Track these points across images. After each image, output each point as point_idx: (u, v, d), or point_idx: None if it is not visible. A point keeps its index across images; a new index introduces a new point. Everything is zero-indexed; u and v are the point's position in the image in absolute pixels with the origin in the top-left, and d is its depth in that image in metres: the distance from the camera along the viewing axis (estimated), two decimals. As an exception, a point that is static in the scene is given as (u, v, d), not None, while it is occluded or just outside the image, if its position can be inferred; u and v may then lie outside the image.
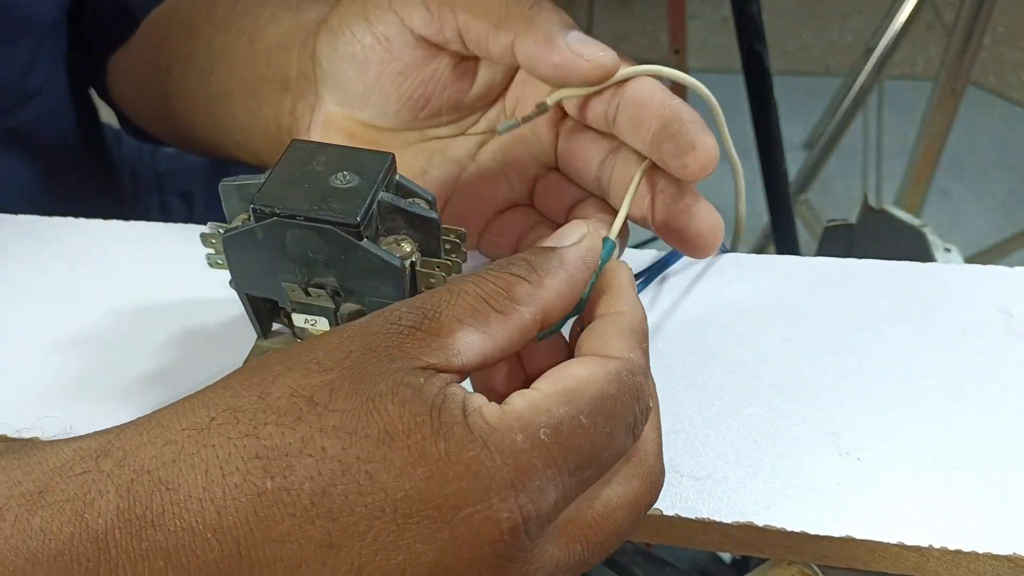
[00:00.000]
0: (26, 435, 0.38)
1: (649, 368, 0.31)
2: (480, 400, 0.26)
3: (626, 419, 0.28)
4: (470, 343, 0.28)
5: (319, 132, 0.44)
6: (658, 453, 0.30)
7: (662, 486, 0.30)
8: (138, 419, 0.27)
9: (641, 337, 0.31)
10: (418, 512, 0.24)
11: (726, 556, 0.62)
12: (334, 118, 0.43)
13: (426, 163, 0.43)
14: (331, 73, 0.42)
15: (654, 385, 0.33)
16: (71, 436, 0.27)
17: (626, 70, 0.37)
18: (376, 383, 0.25)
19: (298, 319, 0.37)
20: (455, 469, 0.24)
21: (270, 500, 0.24)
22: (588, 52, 0.36)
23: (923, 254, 0.80)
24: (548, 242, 0.32)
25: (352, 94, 0.42)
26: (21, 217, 0.50)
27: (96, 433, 0.27)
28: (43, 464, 0.26)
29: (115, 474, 0.25)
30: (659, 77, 0.39)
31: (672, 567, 0.50)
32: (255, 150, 0.52)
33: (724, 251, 0.46)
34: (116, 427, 0.27)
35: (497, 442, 0.25)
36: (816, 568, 0.37)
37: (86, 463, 0.25)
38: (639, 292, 0.39)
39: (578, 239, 0.31)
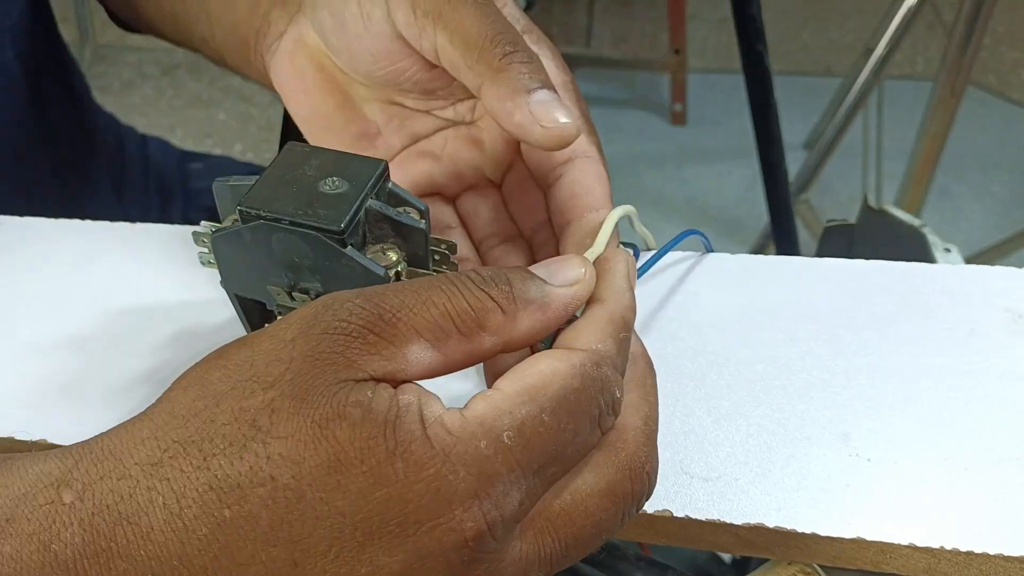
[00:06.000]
0: (36, 437, 0.38)
1: (622, 358, 0.30)
2: (439, 407, 0.26)
3: (590, 413, 0.27)
4: (421, 358, 0.27)
5: (288, 48, 0.42)
6: (641, 443, 0.29)
7: (650, 478, 0.29)
8: (92, 444, 0.26)
9: (618, 327, 0.30)
10: (379, 530, 0.24)
11: (726, 556, 0.62)
12: (308, 43, 0.42)
13: (384, 123, 0.43)
14: (315, 9, 0.41)
15: (653, 376, 0.32)
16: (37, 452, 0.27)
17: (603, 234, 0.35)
18: (319, 403, 0.25)
19: (283, 298, 0.37)
20: (415, 489, 0.24)
21: (230, 528, 0.24)
22: (546, 118, 0.34)
23: (923, 254, 0.80)
24: (541, 269, 0.30)
25: (327, 40, 0.41)
26: (27, 219, 0.50)
27: (57, 454, 0.27)
28: (9, 489, 0.26)
29: (77, 508, 0.25)
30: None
31: (673, 570, 0.50)
32: (219, 48, 0.50)
33: (710, 251, 0.46)
34: (74, 451, 0.26)
35: (460, 453, 0.25)
36: (818, 568, 0.37)
37: (48, 493, 0.25)
38: None
39: (572, 281, 0.30)
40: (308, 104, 0.43)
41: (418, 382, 0.27)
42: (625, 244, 0.41)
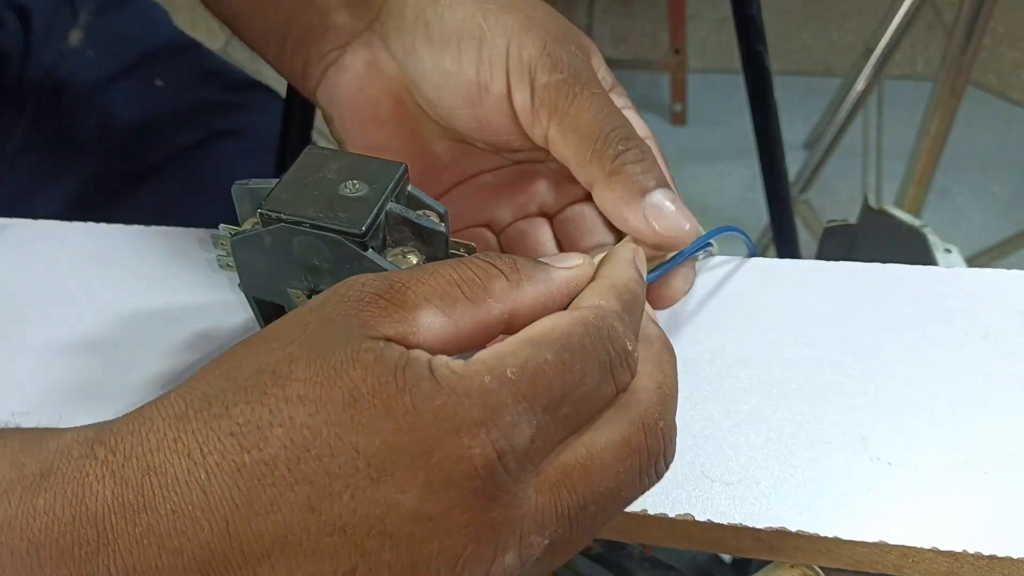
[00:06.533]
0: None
1: (630, 316, 0.30)
2: (445, 357, 0.27)
3: (598, 357, 0.28)
4: (432, 323, 0.27)
5: (359, 71, 0.41)
6: (654, 401, 0.29)
7: (664, 435, 0.29)
8: (125, 414, 0.27)
9: (620, 291, 0.31)
10: (391, 463, 0.24)
11: (726, 556, 0.62)
12: (386, 73, 0.41)
13: (451, 161, 0.43)
14: (408, 51, 0.40)
15: (671, 355, 0.32)
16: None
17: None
18: (335, 351, 0.26)
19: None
20: (423, 419, 0.25)
21: (250, 473, 0.25)
22: (662, 224, 0.35)
23: (924, 254, 0.80)
24: (543, 259, 0.31)
25: (423, 89, 0.40)
26: (40, 221, 0.50)
27: (90, 424, 0.28)
28: (44, 448, 0.27)
29: (109, 460, 0.26)
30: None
31: (677, 571, 0.50)
32: (240, 21, 0.46)
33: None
34: (106, 421, 0.27)
35: (466, 387, 0.25)
36: (818, 569, 0.37)
37: (83, 448, 0.26)
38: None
39: (572, 266, 0.31)
40: (378, 136, 0.42)
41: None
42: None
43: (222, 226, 0.38)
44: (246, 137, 0.80)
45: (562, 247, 0.42)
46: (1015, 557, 0.33)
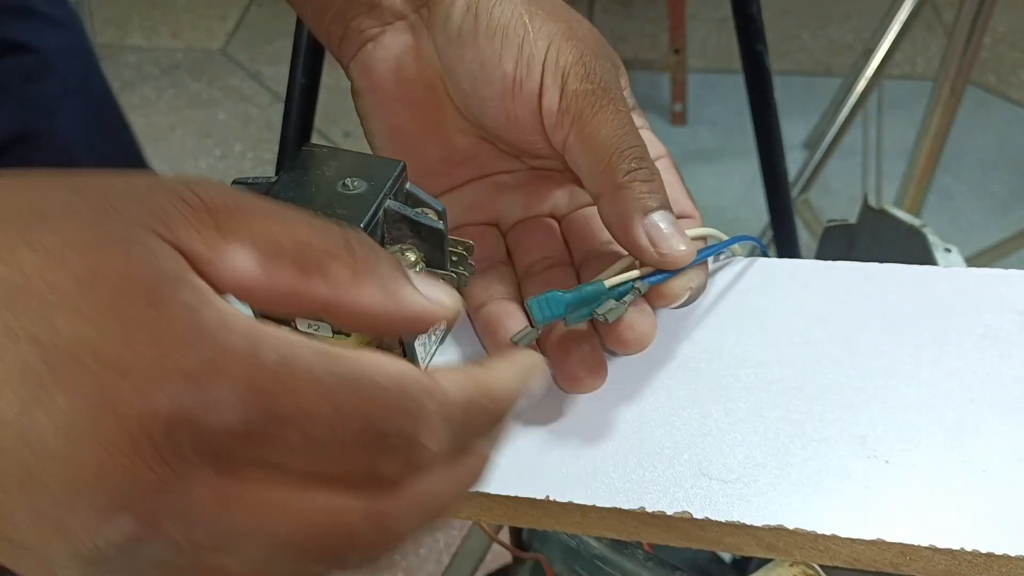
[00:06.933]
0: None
1: (464, 423, 0.24)
2: (232, 307, 0.22)
3: (368, 421, 0.22)
4: (241, 265, 0.23)
5: (397, 52, 0.42)
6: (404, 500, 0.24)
7: (390, 536, 0.23)
8: None
9: (483, 393, 0.25)
10: (76, 363, 0.20)
11: (726, 556, 0.62)
12: (426, 59, 0.41)
13: (470, 155, 0.43)
14: (452, 42, 0.40)
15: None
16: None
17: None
18: (111, 224, 0.21)
19: (301, 324, 0.37)
20: (145, 339, 0.20)
21: None
22: (662, 245, 0.36)
23: (923, 254, 0.80)
24: (418, 278, 0.26)
25: (459, 81, 0.41)
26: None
27: None
28: None
29: None
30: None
31: (681, 572, 0.50)
32: None
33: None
34: None
35: (213, 333, 0.21)
36: (818, 568, 0.37)
37: None
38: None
39: (435, 299, 0.26)
40: (403, 117, 0.42)
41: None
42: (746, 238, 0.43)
43: (221, 225, 0.38)
44: (35, 54, 0.77)
45: (570, 245, 0.43)
46: (1012, 555, 0.33)
